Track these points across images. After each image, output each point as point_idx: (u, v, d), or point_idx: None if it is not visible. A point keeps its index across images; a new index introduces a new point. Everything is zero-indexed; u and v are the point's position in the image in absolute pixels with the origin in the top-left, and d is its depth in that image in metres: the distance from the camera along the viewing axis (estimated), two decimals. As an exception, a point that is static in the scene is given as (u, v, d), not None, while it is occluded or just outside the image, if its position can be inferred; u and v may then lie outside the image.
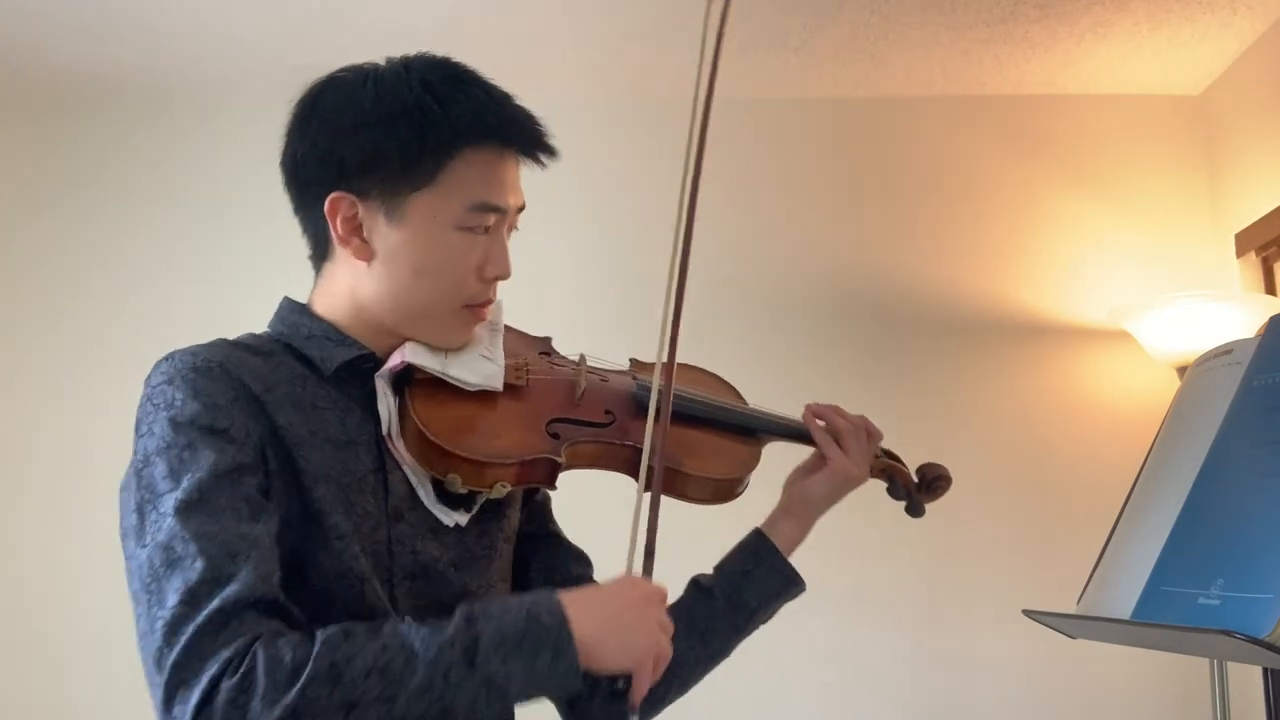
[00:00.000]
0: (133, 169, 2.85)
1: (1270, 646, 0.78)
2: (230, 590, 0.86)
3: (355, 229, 1.08)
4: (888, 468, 1.36)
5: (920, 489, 1.38)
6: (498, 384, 1.12)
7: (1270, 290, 2.65)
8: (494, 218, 1.09)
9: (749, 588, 1.24)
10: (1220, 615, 0.84)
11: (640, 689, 1.00)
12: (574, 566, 1.27)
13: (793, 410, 1.34)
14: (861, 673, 2.62)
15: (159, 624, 0.85)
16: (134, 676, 0.91)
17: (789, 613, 1.29)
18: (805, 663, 2.57)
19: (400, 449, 1.07)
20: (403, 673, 0.86)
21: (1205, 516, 0.95)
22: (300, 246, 1.16)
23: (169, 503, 0.91)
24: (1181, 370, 2.41)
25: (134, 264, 2.81)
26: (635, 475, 1.13)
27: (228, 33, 2.59)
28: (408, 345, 1.10)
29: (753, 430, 1.31)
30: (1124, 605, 0.97)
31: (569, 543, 1.30)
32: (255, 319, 1.17)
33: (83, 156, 2.86)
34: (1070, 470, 2.68)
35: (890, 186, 2.88)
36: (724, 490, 1.24)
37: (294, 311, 1.13)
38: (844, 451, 1.28)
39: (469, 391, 1.10)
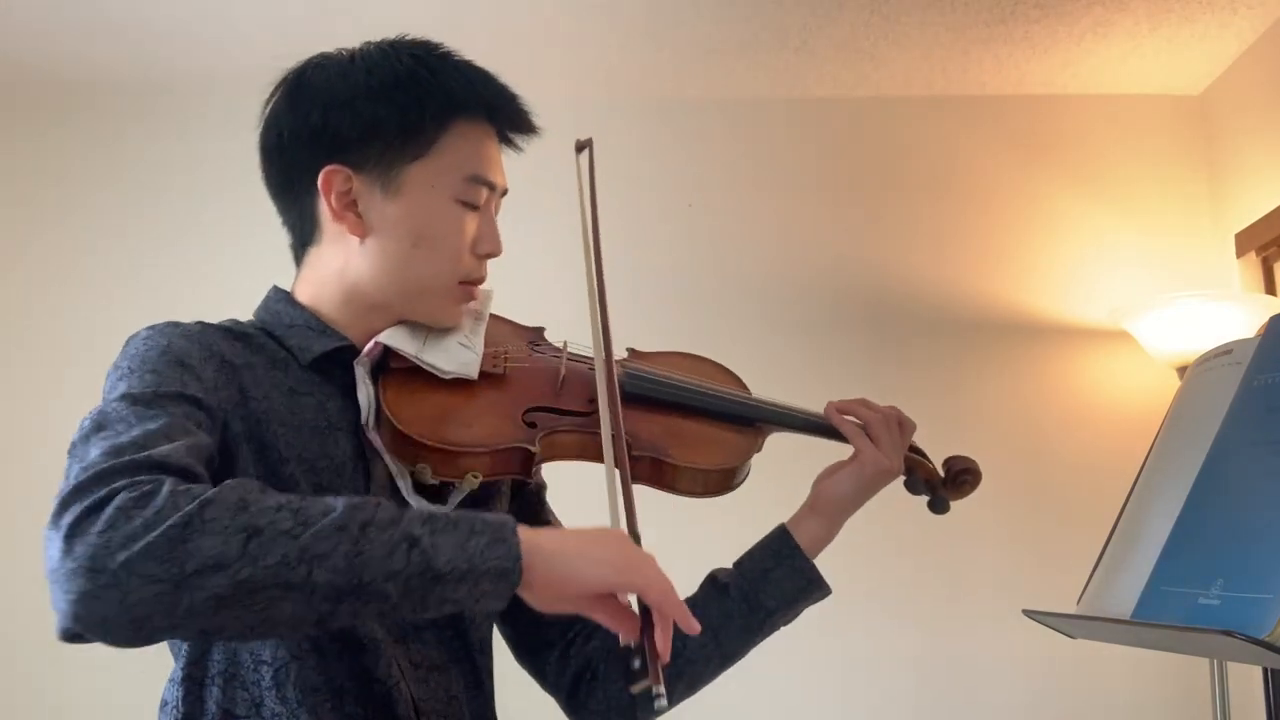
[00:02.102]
0: (132, 167, 2.85)
1: (1270, 646, 0.78)
2: (158, 451, 0.81)
3: (350, 204, 1.07)
4: (908, 460, 1.25)
5: (946, 484, 1.28)
6: (473, 372, 1.09)
7: (1270, 290, 2.65)
8: (486, 193, 1.11)
9: (768, 589, 1.16)
10: (1220, 615, 0.84)
11: (663, 643, 0.86)
12: None
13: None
14: (861, 672, 2.62)
15: (74, 472, 0.79)
16: (138, 675, 0.90)
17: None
18: (805, 662, 2.57)
19: (376, 439, 1.05)
20: (316, 515, 0.79)
21: (1205, 516, 0.95)
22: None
23: (118, 391, 0.88)
24: (1181, 370, 2.40)
25: (129, 263, 2.81)
26: (622, 469, 1.06)
27: (226, 31, 2.59)
28: (386, 330, 1.08)
29: (750, 419, 1.22)
30: (1124, 605, 0.97)
31: None
32: (247, 316, 1.16)
33: (79, 155, 2.85)
34: (1070, 470, 2.68)
35: (890, 186, 2.88)
36: (716, 481, 1.15)
37: (278, 300, 1.12)
38: (874, 443, 1.20)
39: (444, 380, 1.08)
